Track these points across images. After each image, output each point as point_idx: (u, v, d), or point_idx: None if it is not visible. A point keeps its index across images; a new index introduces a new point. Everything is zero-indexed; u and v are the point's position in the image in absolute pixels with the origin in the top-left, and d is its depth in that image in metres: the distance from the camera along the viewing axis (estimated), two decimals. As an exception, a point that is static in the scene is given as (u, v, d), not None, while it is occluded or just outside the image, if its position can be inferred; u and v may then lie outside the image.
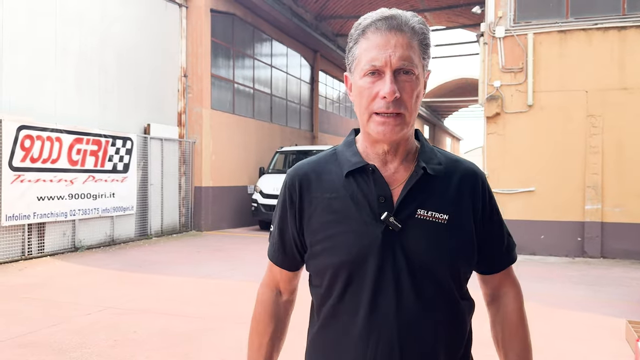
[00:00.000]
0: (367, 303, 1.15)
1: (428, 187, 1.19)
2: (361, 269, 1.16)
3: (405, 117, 1.14)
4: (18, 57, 8.74)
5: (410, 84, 1.13)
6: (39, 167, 8.75)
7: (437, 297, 1.16)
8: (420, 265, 1.15)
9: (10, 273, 7.52)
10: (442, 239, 1.16)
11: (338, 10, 21.56)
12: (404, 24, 1.13)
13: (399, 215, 1.16)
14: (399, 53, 1.11)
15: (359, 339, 1.16)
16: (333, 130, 22.94)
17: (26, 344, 4.42)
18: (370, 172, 1.19)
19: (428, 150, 1.25)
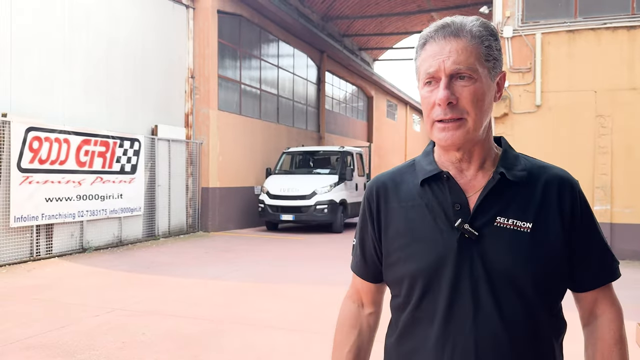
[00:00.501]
0: (442, 312, 1.15)
1: (508, 193, 1.16)
2: (437, 278, 1.16)
3: (467, 122, 1.12)
4: (26, 59, 8.78)
5: (469, 88, 1.12)
6: (47, 168, 8.79)
7: (519, 310, 1.12)
8: (500, 275, 1.12)
9: (18, 274, 7.56)
10: (525, 248, 1.12)
11: (344, 11, 21.55)
12: (460, 30, 1.13)
13: (476, 222, 1.14)
14: (452, 58, 1.11)
15: (434, 348, 1.16)
16: (340, 130, 22.92)
17: (34, 346, 4.43)
18: (445, 180, 1.19)
19: (511, 156, 1.22)
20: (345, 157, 14.47)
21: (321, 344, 4.75)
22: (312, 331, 5.08)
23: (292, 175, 14.09)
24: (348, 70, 23.37)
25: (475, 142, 1.17)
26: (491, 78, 1.16)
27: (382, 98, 29.56)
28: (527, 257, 1.12)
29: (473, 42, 1.13)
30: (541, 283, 1.13)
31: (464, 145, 1.16)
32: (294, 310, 5.82)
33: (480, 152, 1.19)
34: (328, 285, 6.98)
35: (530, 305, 1.13)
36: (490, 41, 1.16)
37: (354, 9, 21.75)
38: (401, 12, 23.53)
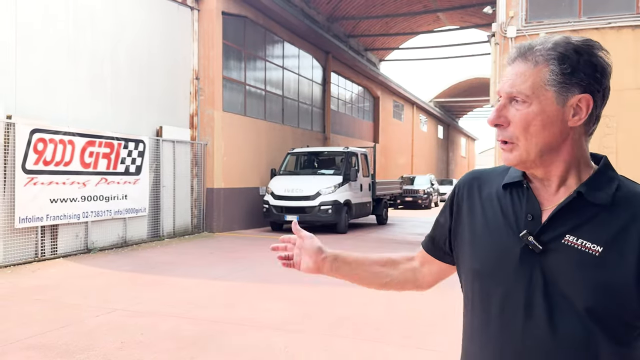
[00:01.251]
0: (495, 318, 1.16)
1: (586, 214, 1.12)
2: (493, 281, 1.17)
3: (518, 147, 1.13)
4: (31, 61, 8.86)
5: (520, 112, 1.12)
6: (52, 169, 8.86)
7: (574, 331, 1.09)
8: (559, 292, 1.10)
9: (23, 275, 7.63)
10: (588, 271, 1.08)
11: (350, 12, 21.56)
12: (528, 53, 1.14)
13: (543, 236, 1.13)
14: (510, 81, 1.13)
15: (481, 352, 1.20)
16: (345, 131, 22.92)
17: (34, 346, 4.48)
18: (525, 189, 1.20)
19: (603, 177, 1.17)
20: (350, 157, 14.47)
21: (318, 344, 4.76)
22: (310, 332, 5.09)
23: (297, 176, 14.11)
24: (354, 71, 23.37)
25: (547, 163, 1.16)
26: (559, 102, 1.12)
27: (389, 98, 29.52)
28: (588, 281, 1.09)
29: (537, 66, 1.12)
30: (600, 309, 1.09)
31: (525, 167, 1.18)
32: (293, 311, 5.84)
33: (558, 172, 1.17)
34: (328, 286, 6.98)
35: (586, 328, 1.10)
36: (558, 64, 1.12)
37: (360, 10, 21.76)
38: (407, 13, 23.51)
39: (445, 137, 47.54)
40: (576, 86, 1.12)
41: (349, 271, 1.47)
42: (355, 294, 6.25)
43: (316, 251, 1.45)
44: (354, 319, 5.50)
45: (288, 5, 16.00)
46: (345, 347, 4.71)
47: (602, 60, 1.14)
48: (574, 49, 1.12)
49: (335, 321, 5.44)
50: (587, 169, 1.20)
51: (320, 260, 1.45)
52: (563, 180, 1.18)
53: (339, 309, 5.95)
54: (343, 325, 5.32)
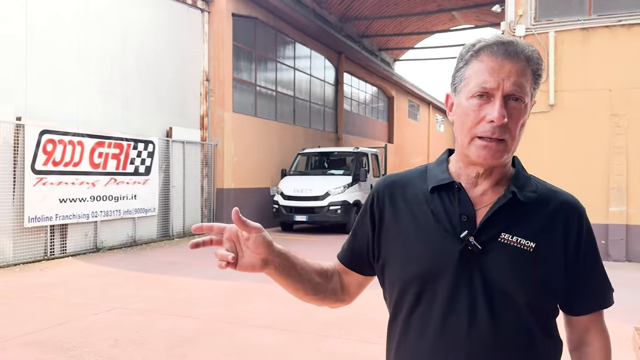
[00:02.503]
0: (437, 321, 1.14)
1: (516, 212, 1.16)
2: (433, 285, 1.15)
3: (507, 144, 1.13)
4: (41, 63, 9.04)
5: (519, 111, 1.13)
6: (61, 170, 9.02)
7: (515, 326, 1.12)
8: (499, 290, 1.12)
9: (31, 273, 7.79)
10: (526, 267, 1.13)
11: (363, 12, 21.51)
12: (520, 52, 1.13)
13: (481, 236, 1.14)
14: (512, 79, 1.11)
15: (428, 358, 1.16)
16: (358, 131, 22.88)
17: (30, 342, 4.58)
18: (456, 190, 1.19)
19: (523, 177, 1.22)
20: (360, 158, 14.45)
21: (308, 343, 4.78)
22: (302, 331, 5.12)
23: (306, 176, 14.15)
24: (367, 71, 23.31)
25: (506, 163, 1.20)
26: (530, 104, 1.17)
27: (404, 98, 29.39)
28: (526, 276, 1.13)
29: (528, 67, 1.14)
30: (537, 302, 1.14)
31: (500, 165, 1.17)
32: (289, 311, 5.86)
33: (500, 171, 1.20)
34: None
35: (525, 323, 1.13)
36: (540, 70, 1.17)
37: (373, 10, 21.69)
38: (421, 12, 23.37)
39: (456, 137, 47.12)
40: (536, 91, 1.19)
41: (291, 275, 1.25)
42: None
43: (267, 246, 1.17)
44: (349, 320, 5.50)
45: (299, 6, 16.04)
46: (338, 348, 4.72)
47: None
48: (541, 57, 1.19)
49: (330, 322, 5.45)
50: (509, 169, 1.24)
51: (271, 257, 1.19)
52: (498, 180, 1.20)
53: (337, 311, 5.94)
54: (337, 325, 5.33)
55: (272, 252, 1.20)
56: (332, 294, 1.35)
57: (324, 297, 1.34)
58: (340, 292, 1.37)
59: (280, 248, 1.23)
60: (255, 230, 1.15)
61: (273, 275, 1.24)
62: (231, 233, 1.17)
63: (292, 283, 1.27)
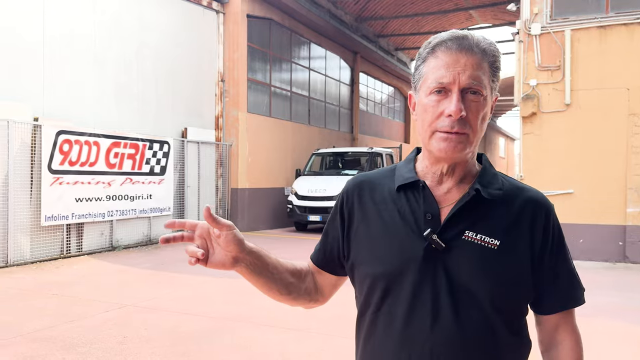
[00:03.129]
0: (402, 317, 1.16)
1: (481, 210, 1.16)
2: (399, 283, 1.16)
3: (469, 137, 1.13)
4: (58, 65, 9.22)
5: (477, 104, 1.12)
6: (77, 169, 9.19)
7: (478, 324, 1.12)
8: (462, 287, 1.12)
9: (46, 271, 7.94)
10: (490, 264, 1.12)
11: (379, 11, 21.45)
12: (475, 45, 1.13)
13: (444, 234, 1.14)
14: (468, 72, 1.11)
15: (392, 353, 1.16)
16: (374, 131, 22.83)
17: (41, 339, 4.68)
18: (420, 189, 1.20)
19: (490, 174, 1.22)
20: (374, 158, 14.43)
21: (313, 342, 4.80)
22: (306, 330, 5.14)
23: (320, 176, 14.17)
24: (383, 71, 23.25)
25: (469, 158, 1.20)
26: (491, 98, 1.17)
27: (421, 98, 29.23)
28: (490, 273, 1.12)
29: (485, 60, 1.14)
30: (502, 300, 1.13)
31: (461, 159, 1.17)
32: (294, 310, 5.86)
33: (463, 167, 1.20)
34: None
35: (489, 320, 1.13)
36: (498, 62, 1.17)
37: (389, 9, 21.61)
38: (438, 11, 23.20)
39: (482, 137, 46.70)
40: (497, 86, 1.19)
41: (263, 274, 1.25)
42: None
43: (238, 244, 1.17)
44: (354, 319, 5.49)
45: (314, 6, 16.06)
46: (343, 347, 4.72)
47: None
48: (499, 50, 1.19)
49: (336, 321, 5.45)
50: (475, 166, 1.24)
51: (242, 255, 1.19)
52: (462, 178, 1.20)
53: (340, 309, 5.95)
54: (343, 325, 5.33)
55: (243, 250, 1.19)
56: (306, 294, 1.37)
57: (297, 297, 1.35)
58: (314, 292, 1.38)
59: (252, 246, 1.23)
60: (226, 227, 1.15)
61: (244, 273, 1.23)
62: (202, 230, 1.16)
63: (264, 282, 1.27)
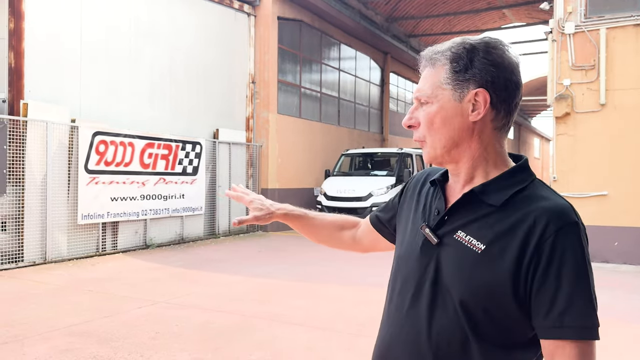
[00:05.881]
0: (391, 303, 1.30)
1: (479, 212, 1.18)
2: (400, 270, 1.30)
3: (427, 142, 1.22)
4: (94, 68, 9.51)
5: (424, 112, 1.22)
6: (113, 170, 9.46)
7: (448, 325, 1.15)
8: (443, 284, 1.18)
9: (83, 268, 8.21)
10: (468, 267, 1.14)
11: (410, 11, 21.34)
12: (428, 58, 1.23)
13: (439, 230, 1.21)
14: (418, 86, 1.25)
15: (385, 324, 1.31)
16: (405, 132, 22.70)
17: (76, 333, 4.86)
18: (438, 186, 1.30)
19: (509, 179, 1.19)
20: (404, 158, 14.38)
21: (339, 341, 4.85)
22: (334, 329, 5.19)
23: (350, 177, 14.21)
24: (414, 71, 22.97)
25: (456, 159, 1.22)
26: (455, 99, 1.18)
27: (453, 98, 28.94)
28: (465, 276, 1.14)
29: (435, 68, 1.21)
30: (475, 307, 1.12)
31: (438, 163, 1.25)
32: (323, 309, 5.95)
33: (465, 168, 1.22)
34: (364, 286, 7.04)
35: (459, 324, 1.14)
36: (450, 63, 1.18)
37: (420, 9, 21.48)
38: (470, 10, 22.94)
39: (516, 138, 45.92)
40: (471, 82, 1.17)
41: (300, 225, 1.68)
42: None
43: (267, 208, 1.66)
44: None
45: (344, 7, 16.10)
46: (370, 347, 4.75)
47: (496, 56, 1.17)
48: (467, 47, 1.18)
49: (364, 321, 5.49)
50: (497, 168, 1.22)
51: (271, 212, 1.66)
52: (470, 178, 1.23)
53: (371, 309, 5.98)
54: (371, 325, 5.36)
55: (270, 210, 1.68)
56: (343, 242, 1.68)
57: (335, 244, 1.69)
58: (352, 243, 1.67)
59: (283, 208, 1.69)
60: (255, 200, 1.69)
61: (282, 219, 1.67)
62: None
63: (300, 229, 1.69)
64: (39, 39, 8.62)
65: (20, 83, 8.41)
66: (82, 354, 4.33)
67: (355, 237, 1.64)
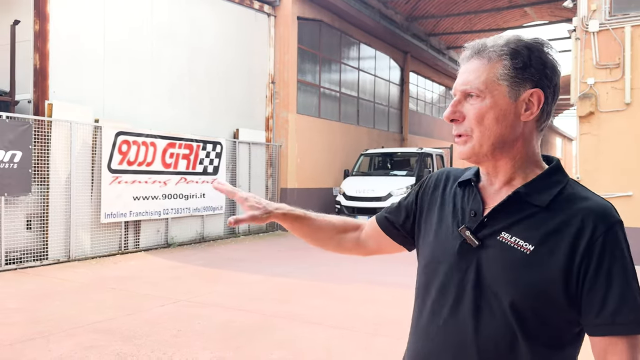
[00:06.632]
0: (428, 307, 1.24)
1: (523, 214, 1.16)
2: (435, 273, 1.24)
3: (472, 139, 1.18)
4: (117, 70, 9.65)
5: (474, 106, 1.17)
6: (135, 169, 9.58)
7: (498, 328, 1.13)
8: (489, 287, 1.14)
9: (106, 266, 8.33)
10: (518, 269, 1.12)
11: (430, 10, 21.21)
12: (482, 50, 1.18)
13: (480, 232, 1.18)
14: (463, 78, 1.18)
15: (417, 337, 1.26)
16: (425, 132, 22.59)
17: (100, 330, 4.93)
18: (472, 187, 1.27)
19: (548, 179, 1.19)
20: (424, 158, 14.30)
21: (355, 340, 4.84)
22: (350, 328, 5.19)
23: (369, 177, 14.18)
24: (434, 70, 22.99)
25: (498, 157, 1.19)
26: (511, 97, 1.16)
27: (473, 98, 28.68)
28: (515, 277, 1.12)
29: (490, 62, 1.16)
30: (525, 309, 1.12)
31: (477, 160, 1.21)
32: (341, 309, 5.95)
33: (506, 168, 1.20)
34: (381, 286, 7.03)
35: (509, 327, 1.12)
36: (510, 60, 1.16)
37: (441, 8, 21.34)
38: (492, 9, 22.71)
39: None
40: (528, 81, 1.16)
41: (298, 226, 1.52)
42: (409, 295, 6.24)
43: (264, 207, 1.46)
44: (403, 320, 5.50)
45: (364, 7, 16.08)
46: (388, 347, 4.75)
47: (551, 58, 1.18)
48: (525, 45, 1.17)
49: (381, 321, 5.48)
50: (534, 170, 1.22)
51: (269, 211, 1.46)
52: (509, 179, 1.21)
53: (387, 309, 5.97)
54: (388, 325, 5.35)
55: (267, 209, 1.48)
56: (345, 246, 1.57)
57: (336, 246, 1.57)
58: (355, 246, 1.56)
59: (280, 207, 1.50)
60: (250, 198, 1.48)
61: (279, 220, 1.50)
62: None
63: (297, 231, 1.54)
64: (63, 41, 8.78)
65: (45, 84, 8.56)
66: (106, 351, 4.40)
67: (359, 240, 1.54)
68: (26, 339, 4.66)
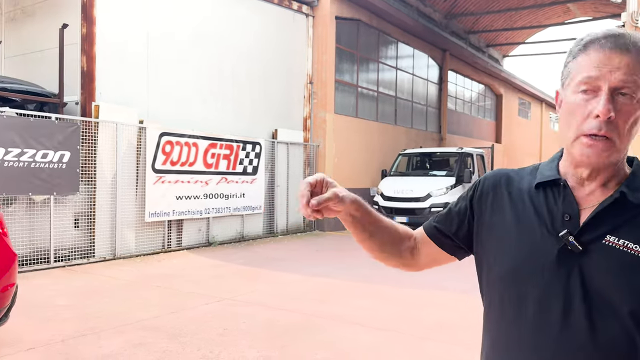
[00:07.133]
0: (529, 321, 1.13)
1: (627, 215, 1.09)
2: (526, 282, 1.14)
3: (615, 143, 1.07)
4: (160, 72, 9.85)
5: (628, 107, 1.06)
6: (178, 169, 9.76)
7: (616, 336, 1.05)
8: (599, 295, 1.07)
9: (150, 264, 8.51)
10: (631, 272, 1.05)
11: (469, 7, 20.92)
12: (631, 44, 1.07)
13: (582, 237, 1.10)
14: (620, 72, 1.05)
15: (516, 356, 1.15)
16: (463, 131, 22.26)
17: (147, 327, 5.04)
18: (561, 188, 1.16)
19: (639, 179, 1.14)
20: (464, 158, 14.09)
21: (403, 343, 4.81)
22: (397, 331, 5.15)
23: (407, 177, 14.06)
24: (473, 68, 22.62)
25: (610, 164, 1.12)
26: None
27: (513, 96, 28.13)
28: (631, 282, 1.05)
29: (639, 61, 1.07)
30: None
31: (603, 169, 1.12)
32: (387, 310, 5.92)
33: (609, 171, 1.14)
34: (426, 289, 6.95)
35: (629, 334, 1.05)
36: None
37: (480, 5, 21.02)
38: (533, 5, 22.25)
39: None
40: None
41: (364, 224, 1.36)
42: (457, 298, 6.16)
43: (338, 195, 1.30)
44: (454, 323, 5.43)
45: (402, 5, 15.96)
46: (437, 352, 4.69)
47: None
48: None
49: (431, 324, 5.42)
50: (623, 170, 1.17)
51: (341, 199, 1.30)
52: (607, 181, 1.15)
53: (438, 313, 5.90)
54: (439, 329, 5.29)
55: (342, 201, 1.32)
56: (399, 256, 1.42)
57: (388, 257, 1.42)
58: (409, 258, 1.42)
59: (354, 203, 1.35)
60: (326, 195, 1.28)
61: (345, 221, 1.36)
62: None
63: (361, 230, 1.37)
64: (108, 43, 9.01)
65: (92, 86, 8.81)
66: (154, 348, 4.49)
67: (414, 250, 1.41)
68: (78, 335, 4.80)
